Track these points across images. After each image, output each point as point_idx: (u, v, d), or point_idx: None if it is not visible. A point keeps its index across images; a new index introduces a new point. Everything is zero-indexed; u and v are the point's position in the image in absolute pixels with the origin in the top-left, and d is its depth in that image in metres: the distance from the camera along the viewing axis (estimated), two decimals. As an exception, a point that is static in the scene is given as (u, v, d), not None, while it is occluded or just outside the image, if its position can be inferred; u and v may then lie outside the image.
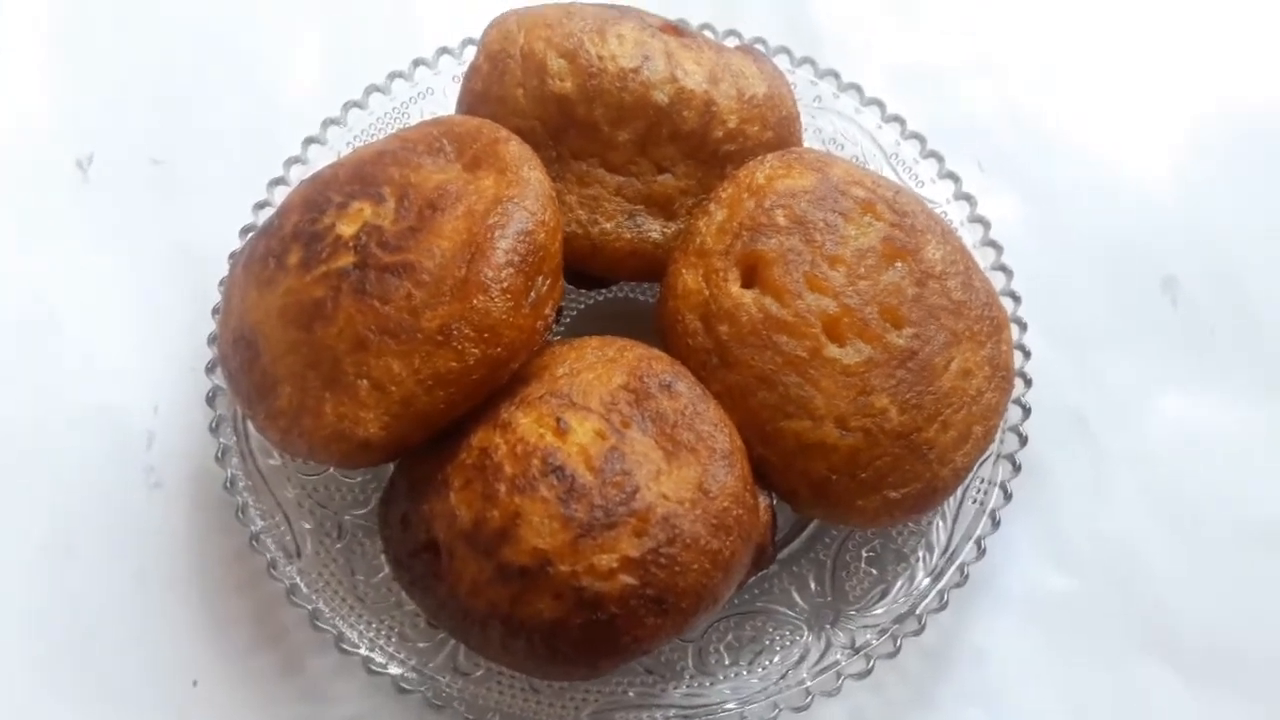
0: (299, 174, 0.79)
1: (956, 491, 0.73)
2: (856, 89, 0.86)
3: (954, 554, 0.74)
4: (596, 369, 0.66)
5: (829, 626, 0.73)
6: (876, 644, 0.71)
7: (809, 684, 0.71)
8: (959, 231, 0.79)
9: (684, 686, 0.72)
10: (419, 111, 0.84)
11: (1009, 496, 0.75)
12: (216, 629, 0.76)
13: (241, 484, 0.74)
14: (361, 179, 0.69)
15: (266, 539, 0.73)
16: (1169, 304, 0.88)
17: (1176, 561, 0.80)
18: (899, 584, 0.74)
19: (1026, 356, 0.78)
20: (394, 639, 0.71)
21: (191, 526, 0.79)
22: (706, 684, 0.72)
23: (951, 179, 0.84)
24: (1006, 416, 0.73)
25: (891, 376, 0.67)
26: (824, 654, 0.72)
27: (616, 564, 0.60)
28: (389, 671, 0.70)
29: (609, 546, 0.60)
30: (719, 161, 0.74)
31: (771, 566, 0.74)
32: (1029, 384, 0.78)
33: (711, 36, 0.86)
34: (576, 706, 0.71)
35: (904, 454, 0.67)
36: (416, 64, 0.86)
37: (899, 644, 0.71)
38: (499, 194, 0.66)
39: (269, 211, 0.75)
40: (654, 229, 0.74)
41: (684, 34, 0.76)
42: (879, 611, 0.73)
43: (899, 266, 0.69)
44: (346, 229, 0.67)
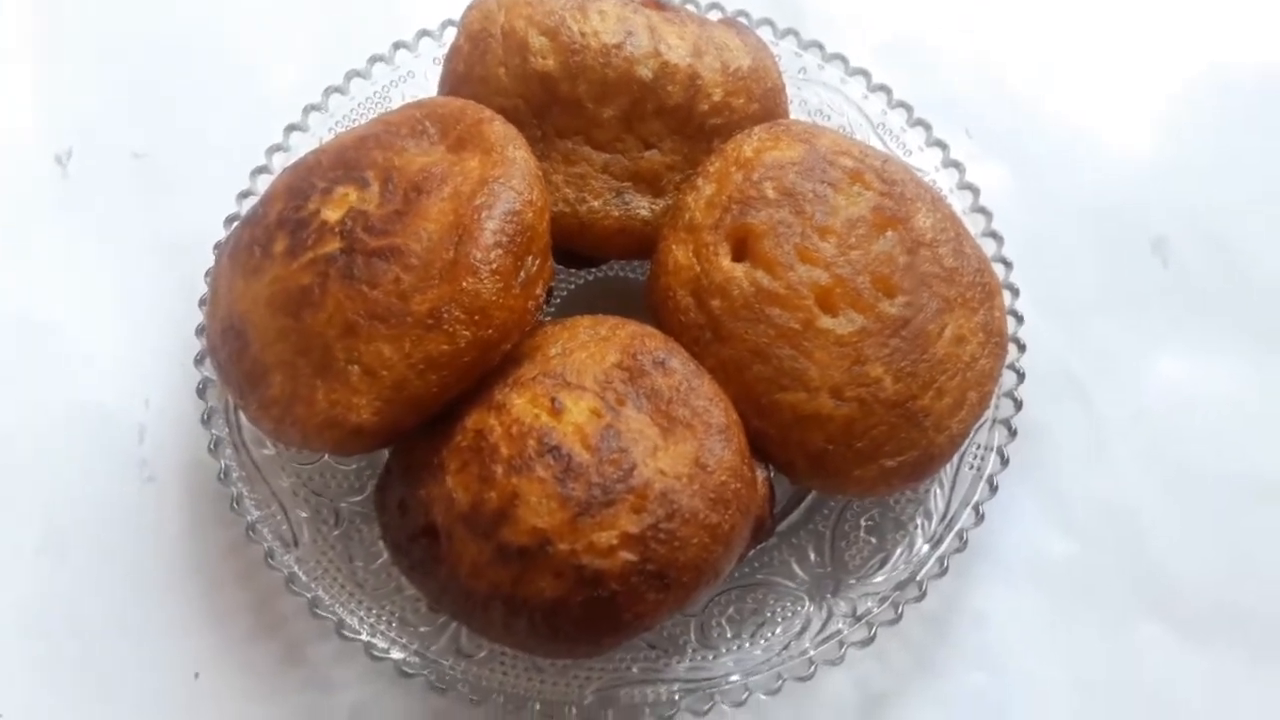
0: (282, 161, 0.79)
1: (953, 458, 0.73)
2: (841, 59, 0.86)
3: (952, 520, 0.74)
4: (589, 348, 0.66)
5: (830, 596, 0.73)
6: (878, 611, 0.72)
7: (812, 653, 0.71)
8: (948, 199, 0.79)
9: (687, 661, 0.72)
10: (400, 95, 0.84)
11: (1006, 462, 0.75)
12: (216, 621, 0.76)
13: (236, 475, 0.74)
14: (345, 164, 0.68)
15: (263, 529, 0.73)
16: (1160, 265, 0.88)
17: (1174, 522, 0.80)
18: (898, 552, 0.74)
19: (1019, 321, 0.78)
20: (395, 624, 0.71)
21: (187, 519, 0.78)
22: (710, 657, 0.72)
23: (939, 147, 0.84)
24: (1001, 382, 0.73)
25: (885, 345, 0.67)
26: (826, 623, 0.72)
27: (616, 541, 0.60)
28: (391, 656, 0.70)
29: (608, 524, 0.60)
30: (705, 135, 0.73)
31: (771, 539, 0.74)
32: (1023, 349, 0.78)
33: (694, 10, 0.86)
34: (580, 684, 0.71)
35: (900, 422, 0.67)
36: (397, 47, 0.85)
37: (900, 611, 0.72)
38: (484, 175, 0.65)
39: (253, 200, 0.74)
40: (642, 206, 0.73)
41: (666, 8, 0.75)
42: (879, 580, 0.73)
43: (890, 235, 0.69)
44: (332, 215, 0.66)
